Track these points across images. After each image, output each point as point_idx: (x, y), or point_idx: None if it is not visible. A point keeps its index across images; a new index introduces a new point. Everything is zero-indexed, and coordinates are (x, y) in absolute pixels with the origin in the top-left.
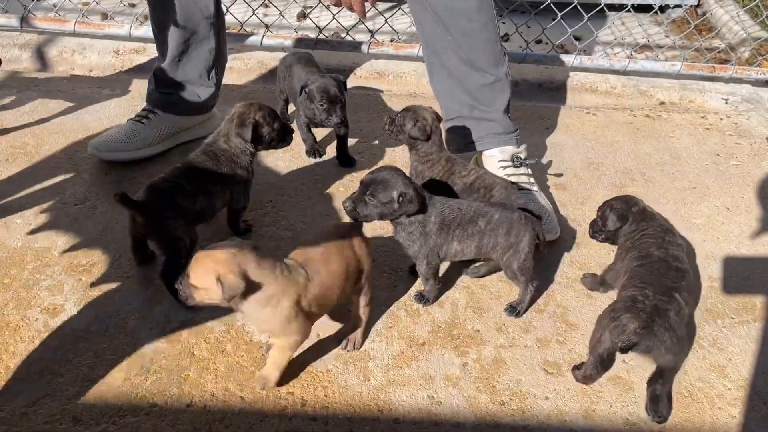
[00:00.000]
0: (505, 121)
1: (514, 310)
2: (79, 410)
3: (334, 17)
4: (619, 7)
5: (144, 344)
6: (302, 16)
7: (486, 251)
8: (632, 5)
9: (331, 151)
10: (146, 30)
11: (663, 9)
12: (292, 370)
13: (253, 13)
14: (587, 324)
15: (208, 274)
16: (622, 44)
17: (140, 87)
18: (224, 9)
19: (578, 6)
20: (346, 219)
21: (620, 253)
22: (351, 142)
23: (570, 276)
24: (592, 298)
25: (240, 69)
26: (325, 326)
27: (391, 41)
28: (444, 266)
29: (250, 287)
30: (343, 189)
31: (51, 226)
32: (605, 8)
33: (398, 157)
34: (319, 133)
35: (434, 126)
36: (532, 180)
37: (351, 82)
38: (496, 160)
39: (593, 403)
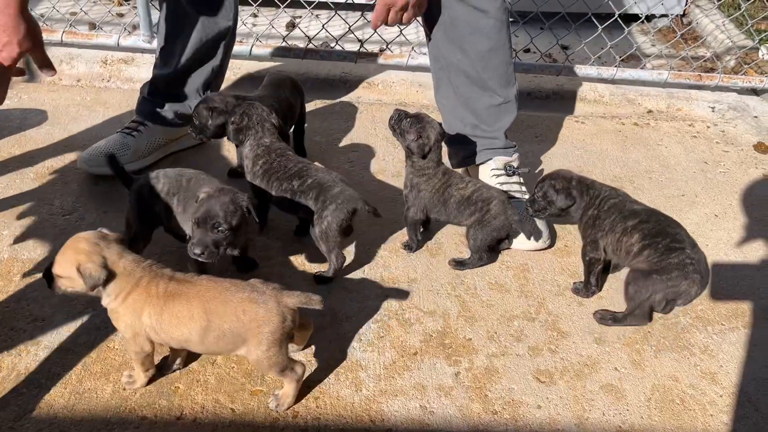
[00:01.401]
0: (504, 139)
1: (321, 278)
2: (67, 424)
3: (323, 27)
4: (606, 17)
5: None
6: (291, 25)
7: (302, 213)
8: (619, 15)
9: (323, 157)
10: (134, 40)
11: (649, 18)
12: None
13: (242, 23)
14: (578, 332)
15: (69, 263)
16: (609, 53)
17: (128, 97)
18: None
19: (566, 15)
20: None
21: (594, 224)
22: (342, 150)
23: (561, 284)
24: (583, 305)
25: (229, 79)
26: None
27: (381, 51)
28: (435, 271)
29: (111, 277)
30: None
31: (38, 237)
32: (592, 18)
33: (389, 165)
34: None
35: (435, 146)
36: (523, 189)
37: (341, 92)
38: (489, 168)
39: (586, 411)
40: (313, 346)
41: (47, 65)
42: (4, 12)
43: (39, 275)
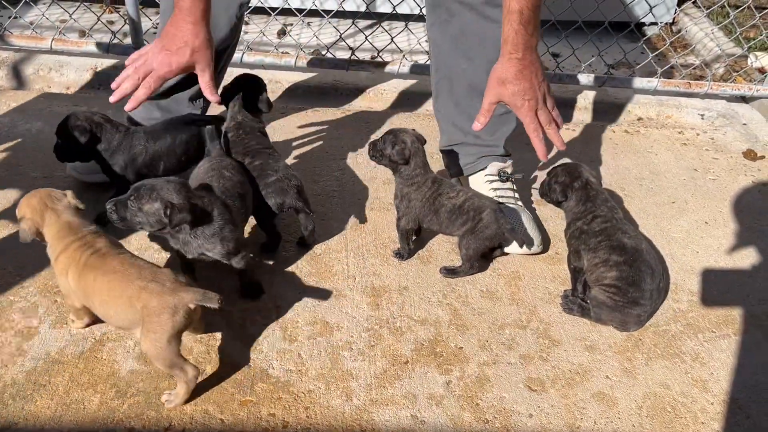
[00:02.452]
0: (503, 148)
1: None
2: None
3: (314, 35)
4: (596, 25)
5: (121, 366)
6: (282, 33)
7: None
8: (609, 23)
9: (313, 164)
10: (124, 47)
11: (639, 26)
12: (273, 391)
13: None
14: (570, 340)
15: (19, 211)
16: (599, 61)
17: (118, 105)
18: None
19: (556, 23)
20: (329, 241)
21: (580, 237)
22: (332, 158)
23: (552, 291)
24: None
25: (221, 86)
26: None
27: (372, 58)
28: (426, 279)
29: (42, 236)
30: (321, 209)
31: (27, 247)
32: (582, 26)
33: (380, 173)
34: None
35: (414, 149)
36: (516, 195)
37: (332, 99)
38: (483, 174)
39: (577, 420)
40: (303, 355)
41: (213, 89)
42: (186, 19)
43: (27, 285)
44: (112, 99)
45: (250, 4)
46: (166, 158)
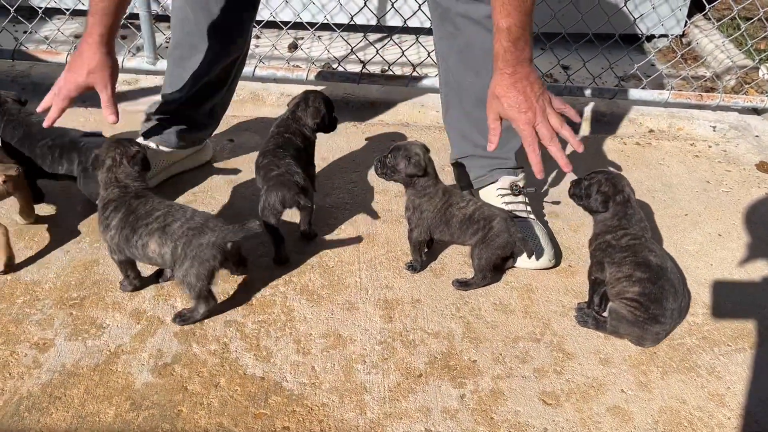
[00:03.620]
0: (514, 161)
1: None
2: None
3: (326, 48)
4: (606, 37)
5: (136, 379)
6: (293, 47)
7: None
8: (619, 35)
9: (326, 178)
10: (138, 62)
11: (649, 39)
12: (287, 404)
13: None
14: (584, 353)
15: None
16: (610, 73)
17: (131, 119)
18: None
19: (566, 36)
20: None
21: (606, 250)
22: (344, 170)
23: (566, 304)
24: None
25: (233, 99)
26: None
27: (382, 72)
28: (438, 292)
29: None
30: (334, 221)
31: (43, 260)
32: (593, 38)
33: (392, 186)
34: None
35: (427, 159)
36: (529, 208)
37: (343, 113)
38: (495, 188)
39: None
40: (316, 368)
41: (110, 108)
42: (86, 40)
43: (43, 298)
44: (45, 124)
45: (261, 18)
46: (28, 149)
